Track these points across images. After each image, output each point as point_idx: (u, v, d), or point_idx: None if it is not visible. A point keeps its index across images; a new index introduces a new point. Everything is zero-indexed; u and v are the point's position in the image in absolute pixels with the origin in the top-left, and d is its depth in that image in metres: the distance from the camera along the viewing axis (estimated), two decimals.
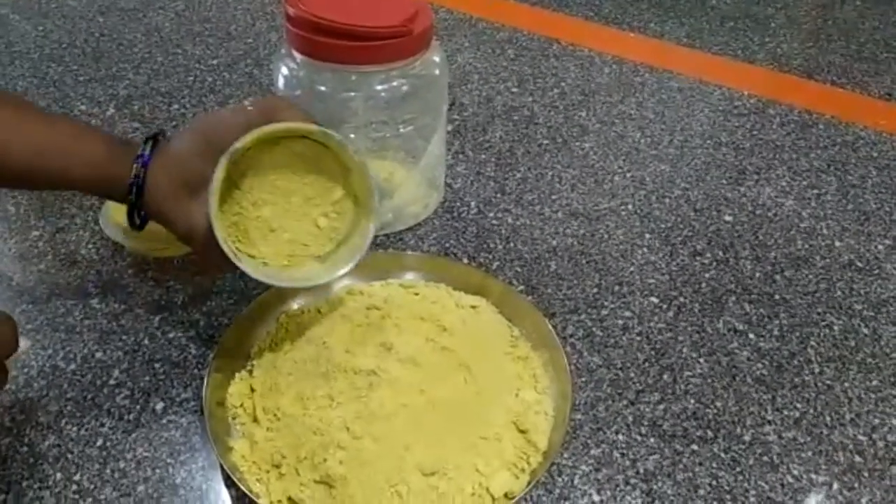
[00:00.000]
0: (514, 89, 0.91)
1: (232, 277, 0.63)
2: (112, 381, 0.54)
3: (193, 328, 0.58)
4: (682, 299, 0.63)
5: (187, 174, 0.47)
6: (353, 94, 0.59)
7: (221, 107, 0.84)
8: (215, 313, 0.60)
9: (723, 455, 0.51)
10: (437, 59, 0.63)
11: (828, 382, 0.57)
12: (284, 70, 0.61)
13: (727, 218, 0.72)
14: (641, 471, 0.50)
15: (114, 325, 0.59)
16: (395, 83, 0.59)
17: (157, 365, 0.55)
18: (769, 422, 0.53)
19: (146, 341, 0.57)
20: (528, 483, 0.46)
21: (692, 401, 0.55)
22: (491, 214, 0.71)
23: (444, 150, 0.71)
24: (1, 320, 0.41)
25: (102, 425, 0.51)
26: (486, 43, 1.01)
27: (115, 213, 0.64)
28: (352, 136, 0.64)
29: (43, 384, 0.54)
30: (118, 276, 0.63)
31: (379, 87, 0.59)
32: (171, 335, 0.58)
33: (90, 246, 0.66)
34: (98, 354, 0.56)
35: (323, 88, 0.59)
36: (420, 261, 0.62)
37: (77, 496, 0.47)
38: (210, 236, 0.46)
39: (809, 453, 0.52)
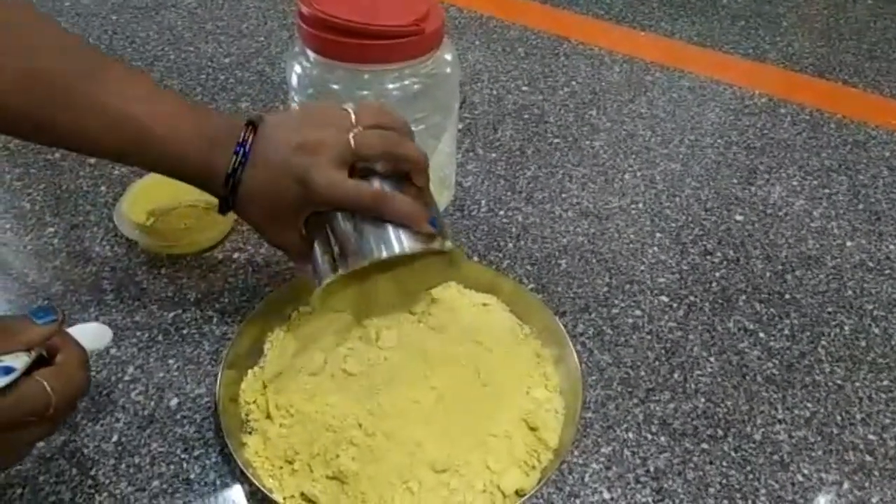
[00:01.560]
0: (525, 88, 0.91)
1: (245, 275, 0.64)
2: (127, 378, 0.55)
3: (207, 325, 0.59)
4: (692, 298, 0.63)
5: (276, 211, 0.46)
6: (365, 92, 0.59)
7: (235, 103, 0.85)
8: (228, 310, 0.60)
9: (733, 454, 0.51)
10: (448, 57, 0.63)
11: (838, 382, 0.57)
12: (297, 68, 0.61)
13: (738, 217, 0.72)
14: (652, 469, 0.50)
15: (128, 321, 0.59)
16: (406, 82, 0.59)
17: (171, 361, 0.56)
18: (780, 421, 0.54)
19: (160, 338, 0.58)
20: (539, 480, 0.46)
21: (702, 399, 0.55)
22: (501, 213, 0.71)
23: (455, 148, 0.71)
24: (80, 364, 0.40)
25: (117, 421, 0.52)
26: (496, 41, 1.01)
27: (129, 211, 0.65)
28: None
29: None
30: (132, 273, 0.63)
31: (391, 86, 0.59)
32: (184, 332, 0.58)
33: (104, 243, 0.66)
34: (112, 350, 0.57)
35: (335, 87, 0.59)
36: None
37: (93, 491, 0.48)
38: (299, 253, 0.48)
39: (820, 452, 0.52)
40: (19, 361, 0.37)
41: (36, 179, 0.73)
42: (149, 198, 0.68)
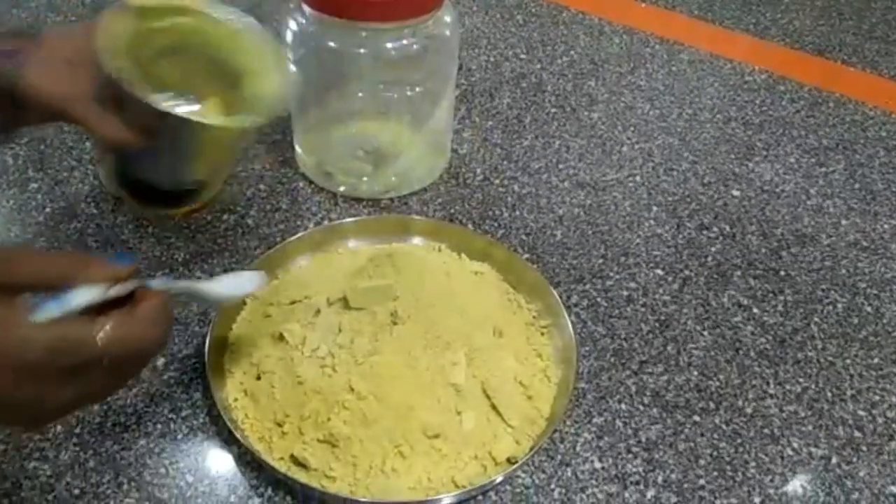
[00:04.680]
0: (523, 56, 0.89)
1: (234, 236, 0.62)
2: None
3: None
4: (687, 272, 0.63)
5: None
6: (362, 50, 0.58)
7: None
8: (217, 272, 0.59)
9: (724, 427, 0.51)
10: (448, 19, 0.61)
11: (830, 358, 0.57)
12: (293, 25, 0.59)
13: (735, 193, 0.72)
14: (643, 440, 0.50)
15: None
16: (405, 41, 0.58)
17: None
18: (771, 395, 0.54)
19: None
20: (531, 449, 0.46)
21: (695, 373, 0.55)
22: (497, 182, 0.70)
23: (452, 115, 0.70)
24: (153, 320, 0.36)
25: None
26: (494, 7, 0.99)
27: None
28: (360, 94, 0.63)
29: None
30: (118, 231, 0.62)
31: (389, 45, 0.58)
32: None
33: (90, 200, 0.65)
34: None
35: (332, 45, 0.58)
36: (425, 226, 0.61)
37: (77, 448, 0.47)
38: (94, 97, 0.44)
39: (810, 427, 0.52)
40: (82, 295, 0.33)
41: (18, 134, 0.71)
42: None
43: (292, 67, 0.62)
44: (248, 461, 0.47)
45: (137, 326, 0.35)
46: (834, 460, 0.50)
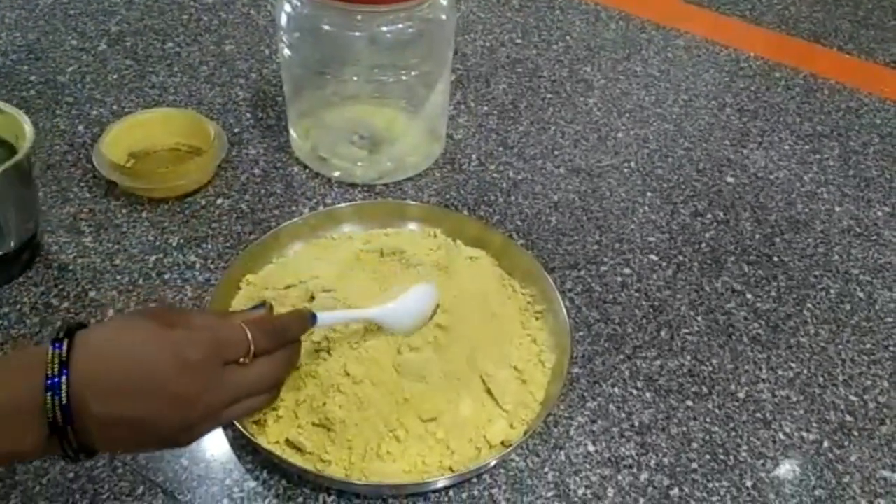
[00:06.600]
0: (518, 41, 0.89)
1: (229, 221, 0.62)
2: (106, 321, 0.53)
3: (189, 270, 0.58)
4: (681, 258, 0.63)
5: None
6: (357, 34, 0.57)
7: (219, 46, 0.82)
8: (211, 256, 0.59)
9: (717, 411, 0.52)
10: (444, 2, 0.61)
11: (822, 344, 0.57)
12: (287, 8, 0.59)
13: (729, 179, 0.72)
14: (636, 423, 0.50)
15: (107, 264, 0.58)
16: (400, 25, 0.58)
17: (152, 305, 0.55)
18: (763, 380, 0.54)
19: (141, 282, 0.56)
20: (525, 433, 0.46)
21: (688, 357, 0.55)
22: (492, 167, 0.70)
23: (447, 100, 0.70)
24: (277, 365, 0.42)
25: None
26: None
27: (108, 152, 0.62)
28: (354, 78, 0.62)
29: (35, 321, 0.53)
30: (112, 216, 0.62)
31: (385, 28, 0.57)
32: (166, 276, 0.57)
33: (83, 184, 0.64)
34: (91, 293, 0.55)
35: (327, 27, 0.57)
36: (420, 211, 0.61)
37: None
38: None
39: (801, 411, 0.52)
40: None
41: None
42: (129, 139, 0.66)
43: (286, 52, 0.61)
44: (244, 445, 0.47)
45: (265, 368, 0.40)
46: (825, 444, 0.51)
